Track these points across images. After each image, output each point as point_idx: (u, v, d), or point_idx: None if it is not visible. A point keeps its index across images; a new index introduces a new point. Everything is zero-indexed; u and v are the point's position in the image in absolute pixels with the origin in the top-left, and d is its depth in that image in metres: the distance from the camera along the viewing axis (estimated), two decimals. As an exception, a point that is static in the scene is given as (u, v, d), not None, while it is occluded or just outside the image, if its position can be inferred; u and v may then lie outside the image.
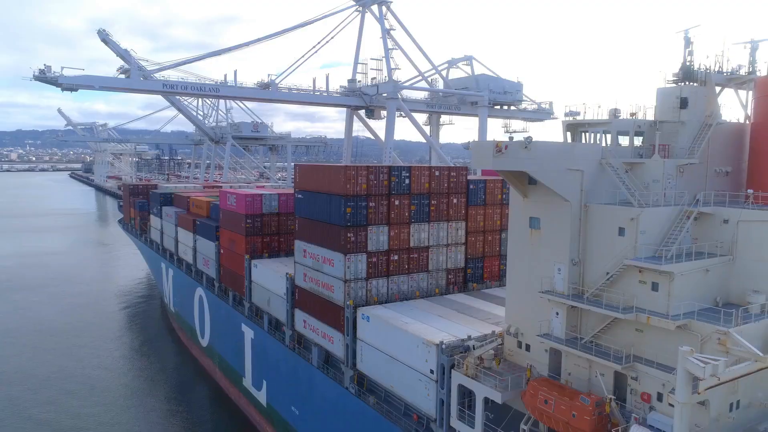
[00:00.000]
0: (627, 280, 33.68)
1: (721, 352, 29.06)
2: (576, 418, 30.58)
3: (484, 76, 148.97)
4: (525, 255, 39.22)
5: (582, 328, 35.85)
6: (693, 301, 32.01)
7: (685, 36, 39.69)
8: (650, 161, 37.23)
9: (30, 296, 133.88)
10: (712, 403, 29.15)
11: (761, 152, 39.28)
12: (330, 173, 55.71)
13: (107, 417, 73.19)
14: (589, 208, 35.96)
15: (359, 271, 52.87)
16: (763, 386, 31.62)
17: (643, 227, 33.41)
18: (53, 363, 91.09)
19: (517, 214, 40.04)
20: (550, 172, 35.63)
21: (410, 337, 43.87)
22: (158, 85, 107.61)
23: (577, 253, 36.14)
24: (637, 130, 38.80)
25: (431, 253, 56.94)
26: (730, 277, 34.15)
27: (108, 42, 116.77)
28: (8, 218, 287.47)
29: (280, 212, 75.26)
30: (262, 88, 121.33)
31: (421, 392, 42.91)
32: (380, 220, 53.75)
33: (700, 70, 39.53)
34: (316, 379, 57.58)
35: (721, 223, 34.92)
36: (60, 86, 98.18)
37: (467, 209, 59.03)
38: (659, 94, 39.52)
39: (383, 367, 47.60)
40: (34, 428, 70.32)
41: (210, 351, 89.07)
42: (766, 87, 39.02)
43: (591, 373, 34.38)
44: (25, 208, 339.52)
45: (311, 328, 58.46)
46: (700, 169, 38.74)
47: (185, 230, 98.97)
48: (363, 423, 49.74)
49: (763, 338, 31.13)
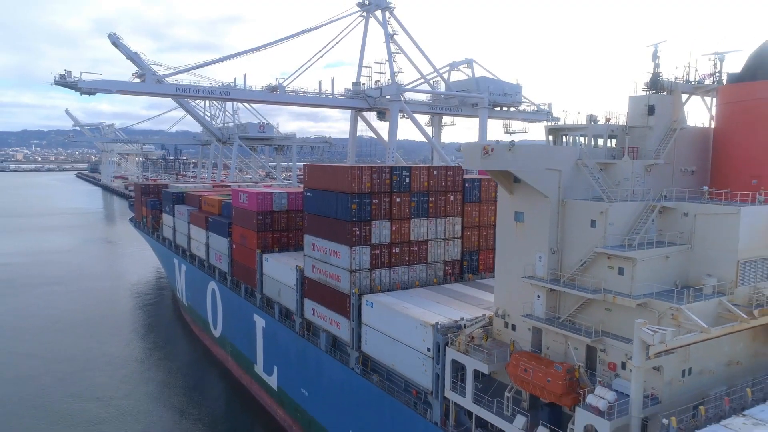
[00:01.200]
0: (597, 265, 38.53)
1: (675, 326, 33.89)
2: (550, 383, 35.47)
3: (485, 78, 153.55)
4: (511, 245, 44.14)
5: (560, 309, 40.71)
6: (654, 283, 36.83)
7: (654, 50, 44.49)
8: (621, 162, 42.10)
9: (45, 292, 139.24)
10: (666, 369, 33.96)
11: (723, 153, 44.14)
12: (337, 173, 60.72)
13: (127, 404, 78.04)
14: (566, 203, 40.83)
15: (364, 263, 57.84)
16: (713, 356, 36.42)
17: (611, 219, 38.27)
18: (75, 355, 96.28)
19: (504, 209, 44.95)
20: (531, 171, 40.54)
21: (410, 320, 48.85)
22: (171, 88, 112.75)
23: (556, 242, 41.01)
24: (611, 133, 43.68)
25: (430, 246, 61.86)
26: (688, 263, 38.98)
27: (118, 45, 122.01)
28: (19, 217, 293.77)
29: (289, 209, 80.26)
30: (269, 91, 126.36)
31: (419, 369, 47.88)
32: (383, 215, 58.69)
33: (667, 80, 44.36)
34: (324, 362, 62.57)
35: (681, 216, 39.75)
36: (79, 90, 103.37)
37: (463, 206, 63.89)
38: (630, 101, 44.39)
39: (385, 348, 52.61)
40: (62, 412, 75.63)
41: (222, 341, 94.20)
42: (726, 95, 43.86)
43: (567, 347, 39.25)
44: (35, 208, 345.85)
45: (319, 315, 63.47)
46: (667, 169, 43.59)
47: (198, 227, 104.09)
48: (368, 400, 54.73)
49: (713, 315, 35.93)
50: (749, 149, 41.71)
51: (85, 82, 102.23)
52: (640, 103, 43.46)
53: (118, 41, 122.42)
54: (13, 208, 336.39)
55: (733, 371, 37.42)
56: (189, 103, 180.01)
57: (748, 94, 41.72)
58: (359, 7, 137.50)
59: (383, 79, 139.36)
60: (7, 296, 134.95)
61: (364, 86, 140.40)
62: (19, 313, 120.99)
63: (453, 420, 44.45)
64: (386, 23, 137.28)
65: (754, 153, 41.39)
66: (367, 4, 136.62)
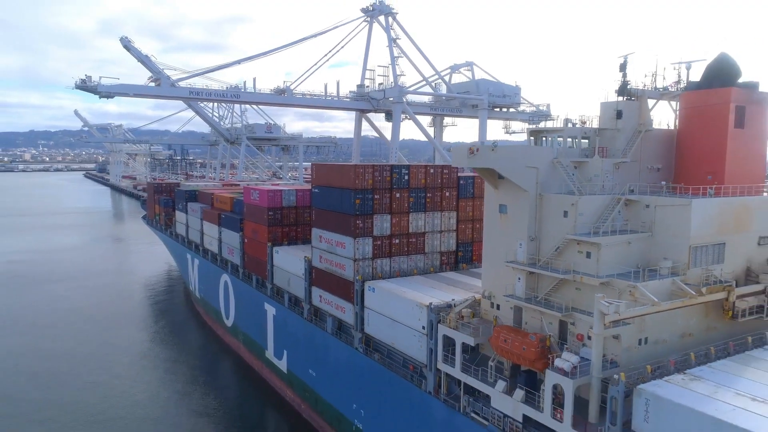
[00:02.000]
0: (569, 250, 44.12)
1: (632, 301, 39.49)
2: (525, 350, 41.13)
3: (484, 80, 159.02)
4: (496, 234, 49.82)
5: (537, 289, 46.29)
6: (618, 265, 42.46)
7: (624, 61, 50.04)
8: (592, 160, 47.71)
9: (61, 287, 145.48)
10: (624, 338, 39.53)
11: (684, 153, 49.73)
12: (342, 171, 66.59)
13: (145, 391, 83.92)
14: (543, 196, 46.45)
15: (366, 252, 63.64)
16: (667, 328, 41.94)
17: (581, 210, 43.89)
18: (93, 345, 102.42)
19: (489, 202, 50.62)
20: (512, 169, 46.23)
21: (407, 302, 54.65)
22: (185, 92, 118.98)
23: (534, 231, 46.65)
24: (584, 135, 49.30)
25: (427, 238, 67.60)
26: (648, 248, 44.52)
27: (130, 48, 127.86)
28: (32, 216, 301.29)
29: (298, 205, 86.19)
30: (278, 93, 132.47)
31: (415, 345, 53.65)
32: (384, 209, 64.47)
33: (635, 88, 49.95)
34: (330, 344, 68.41)
35: (644, 208, 45.30)
36: (99, 94, 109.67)
37: (458, 201, 69.57)
38: (601, 106, 50.02)
39: (386, 328, 58.43)
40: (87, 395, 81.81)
41: (235, 330, 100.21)
42: (686, 101, 49.42)
43: (542, 321, 44.90)
44: (46, 207, 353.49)
45: (326, 301, 69.30)
46: (634, 166, 49.20)
47: (210, 223, 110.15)
48: (370, 376, 60.55)
49: (667, 292, 41.43)
50: (705, 149, 47.32)
51: (104, 87, 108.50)
52: (610, 108, 49.10)
53: (130, 45, 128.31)
54: (25, 208, 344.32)
55: (686, 342, 42.92)
56: (198, 105, 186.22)
57: (704, 100, 47.30)
58: (363, 12, 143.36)
59: (386, 81, 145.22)
60: (24, 291, 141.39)
61: (368, 89, 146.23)
62: (37, 307, 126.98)
63: (444, 389, 50.19)
64: (389, 28, 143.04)
65: (708, 152, 46.98)
66: (371, 10, 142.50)
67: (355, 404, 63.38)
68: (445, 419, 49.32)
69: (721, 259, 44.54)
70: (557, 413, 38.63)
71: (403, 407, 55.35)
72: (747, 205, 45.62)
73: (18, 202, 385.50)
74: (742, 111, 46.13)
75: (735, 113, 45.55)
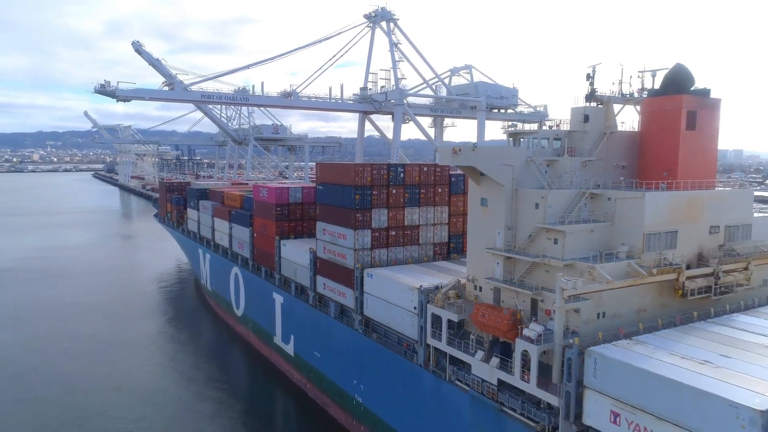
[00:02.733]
0: (540, 238, 50.50)
1: (590, 280, 45.84)
2: (499, 323, 47.62)
3: (483, 83, 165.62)
4: (478, 224, 56.25)
5: (513, 272, 52.73)
6: (581, 250, 48.82)
7: (592, 71, 56.36)
8: (562, 159, 54.11)
9: (77, 281, 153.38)
10: (583, 311, 45.85)
11: (645, 152, 56.07)
12: (343, 169, 73.28)
13: (161, 376, 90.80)
14: (518, 191, 52.84)
15: (365, 243, 70.25)
16: (624, 304, 48.13)
17: (549, 203, 50.28)
18: (112, 331, 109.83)
19: (473, 196, 57.07)
20: (491, 166, 52.68)
21: (401, 286, 61.25)
22: (197, 95, 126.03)
23: (510, 221, 53.03)
24: (555, 137, 55.67)
25: (421, 230, 74.18)
26: (610, 235, 50.86)
27: (141, 52, 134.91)
28: (44, 215, 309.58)
29: (303, 202, 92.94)
30: (284, 96, 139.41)
31: (408, 324, 60.23)
32: (381, 204, 71.07)
33: (602, 94, 56.29)
34: (333, 327, 75.04)
35: (606, 200, 51.67)
36: (116, 98, 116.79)
37: (450, 197, 76.08)
38: (571, 111, 56.40)
39: (382, 311, 65.04)
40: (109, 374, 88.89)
41: (245, 319, 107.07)
42: (646, 106, 55.74)
43: (517, 300, 51.32)
44: (57, 206, 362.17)
45: (329, 288, 75.97)
46: (601, 164, 55.55)
47: (221, 219, 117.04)
48: (368, 353, 67.16)
49: (623, 273, 47.71)
50: (661, 149, 53.66)
51: (122, 91, 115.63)
52: (578, 112, 55.51)
53: (141, 49, 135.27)
54: (37, 207, 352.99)
55: (641, 317, 49.09)
56: (207, 107, 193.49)
57: (660, 106, 53.66)
58: (366, 18, 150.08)
59: (388, 84, 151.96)
60: (46, 285, 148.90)
61: (370, 91, 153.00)
62: (60, 298, 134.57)
63: (433, 361, 56.75)
64: (390, 33, 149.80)
65: (664, 152, 53.33)
66: (374, 16, 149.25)
67: (355, 380, 69.99)
68: (433, 387, 55.94)
69: (673, 245, 50.83)
70: (525, 375, 45.15)
71: (397, 380, 61.96)
72: (697, 198, 51.88)
73: (32, 201, 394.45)
74: (694, 115, 52.45)
75: (686, 117, 51.89)
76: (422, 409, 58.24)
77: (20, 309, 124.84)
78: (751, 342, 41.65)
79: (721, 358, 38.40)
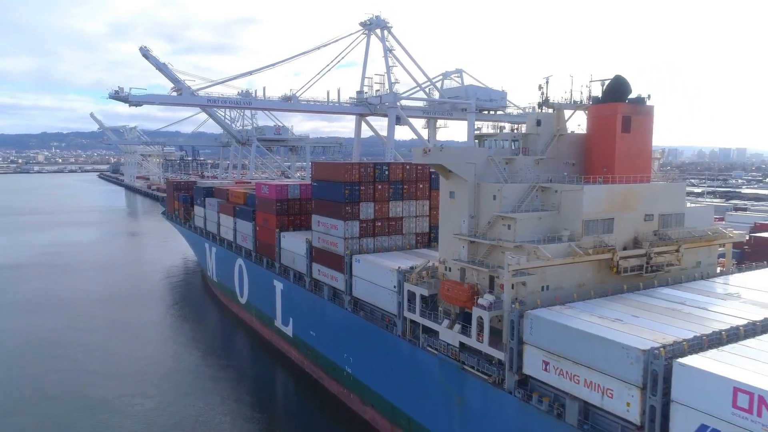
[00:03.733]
0: (497, 224, 59.72)
1: (535, 258, 55.06)
2: (460, 294, 56.96)
3: (473, 86, 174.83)
4: (447, 214, 65.52)
5: (476, 254, 62.02)
6: (531, 234, 57.95)
7: (546, 81, 65.58)
8: (518, 158, 63.36)
9: (89, 275, 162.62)
10: (529, 284, 54.88)
11: (589, 151, 65.27)
12: (335, 168, 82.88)
13: (171, 360, 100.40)
14: (480, 185, 62.05)
15: (354, 233, 79.61)
16: (566, 279, 57.07)
17: (505, 195, 59.46)
18: (124, 320, 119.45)
19: (443, 190, 66.35)
20: (457, 164, 61.96)
21: (383, 269, 70.65)
22: (204, 100, 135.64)
23: (473, 210, 62.26)
24: (513, 139, 64.97)
25: (404, 222, 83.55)
26: (555, 222, 59.98)
27: (148, 57, 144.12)
28: (53, 214, 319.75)
29: (301, 197, 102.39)
30: (285, 100, 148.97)
31: (389, 301, 69.60)
32: (368, 198, 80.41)
33: (554, 102, 65.49)
34: (326, 309, 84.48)
35: (554, 192, 60.89)
36: (129, 103, 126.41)
37: (430, 191, 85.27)
38: (528, 117, 65.69)
39: (368, 291, 74.45)
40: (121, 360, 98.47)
41: (248, 306, 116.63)
42: (591, 112, 64.97)
43: (479, 278, 60.58)
44: (66, 205, 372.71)
45: (323, 274, 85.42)
46: (552, 162, 64.77)
47: (226, 215, 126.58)
48: (357, 329, 76.58)
49: (564, 253, 56.88)
50: (602, 149, 62.84)
51: (134, 96, 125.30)
52: (533, 117, 64.80)
53: (149, 54, 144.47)
54: (45, 206, 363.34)
55: (581, 290, 58.11)
56: (212, 110, 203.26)
57: (600, 112, 62.92)
58: (361, 26, 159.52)
59: (383, 88, 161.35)
60: (61, 278, 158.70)
61: (366, 95, 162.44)
62: (74, 291, 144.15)
63: (410, 332, 66.15)
64: (384, 40, 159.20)
65: (604, 151, 62.53)
66: (369, 24, 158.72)
67: (345, 354, 79.38)
68: (409, 353, 65.35)
69: (610, 230, 59.93)
70: (480, 337, 54.47)
71: (380, 350, 71.36)
72: (632, 190, 60.94)
73: (41, 201, 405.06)
74: (629, 120, 61.63)
75: (621, 122, 61.11)
76: (401, 373, 67.64)
77: (40, 301, 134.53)
78: (661, 306, 50.90)
79: (632, 318, 47.65)
